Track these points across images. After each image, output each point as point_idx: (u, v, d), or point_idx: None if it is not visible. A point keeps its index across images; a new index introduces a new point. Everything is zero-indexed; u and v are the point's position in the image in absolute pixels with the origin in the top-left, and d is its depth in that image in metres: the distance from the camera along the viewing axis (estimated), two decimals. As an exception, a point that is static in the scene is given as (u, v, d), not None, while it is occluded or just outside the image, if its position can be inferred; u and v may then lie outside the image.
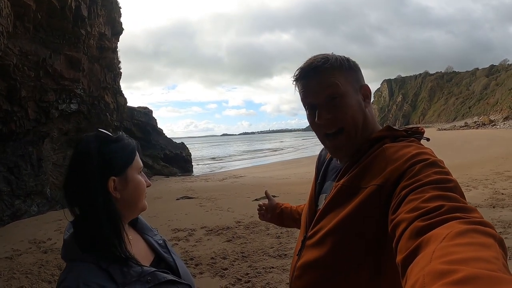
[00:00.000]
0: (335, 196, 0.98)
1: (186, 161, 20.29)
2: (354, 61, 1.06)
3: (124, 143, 1.08)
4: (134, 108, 17.89)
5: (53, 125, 9.22)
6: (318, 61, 1.02)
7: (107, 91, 12.17)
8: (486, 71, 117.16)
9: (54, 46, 8.46)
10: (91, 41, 10.33)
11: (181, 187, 13.29)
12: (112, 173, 1.02)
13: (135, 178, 1.07)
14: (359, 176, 0.94)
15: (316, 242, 0.99)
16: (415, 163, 0.83)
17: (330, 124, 1.02)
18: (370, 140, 1.00)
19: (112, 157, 1.03)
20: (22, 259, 5.27)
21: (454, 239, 0.55)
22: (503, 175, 10.66)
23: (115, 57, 12.87)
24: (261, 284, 4.08)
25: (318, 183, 1.19)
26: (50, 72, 8.33)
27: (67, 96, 9.50)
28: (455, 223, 0.60)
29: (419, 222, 0.65)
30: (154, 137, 18.72)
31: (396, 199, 0.78)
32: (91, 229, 0.97)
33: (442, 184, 0.74)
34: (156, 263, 1.12)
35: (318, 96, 1.02)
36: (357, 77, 1.07)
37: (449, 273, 0.46)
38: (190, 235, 6.30)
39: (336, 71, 1.02)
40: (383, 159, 0.91)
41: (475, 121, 67.09)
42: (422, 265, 0.53)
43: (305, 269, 1.01)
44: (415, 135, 1.03)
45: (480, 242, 0.53)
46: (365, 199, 0.88)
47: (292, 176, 15.46)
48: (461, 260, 0.48)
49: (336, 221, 0.94)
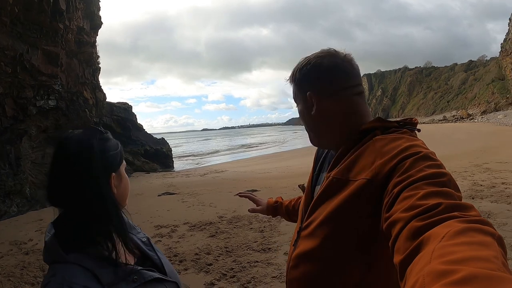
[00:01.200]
0: (326, 188, 0.99)
1: (167, 156, 20.13)
2: (303, 70, 1.10)
3: (114, 141, 1.07)
4: (113, 104, 17.61)
5: (31, 122, 9.01)
6: (292, 71, 1.15)
7: (85, 86, 11.96)
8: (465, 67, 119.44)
9: (31, 41, 8.25)
10: (69, 36, 10.12)
11: (162, 183, 13.15)
12: (112, 170, 1.02)
13: (125, 175, 1.08)
14: (348, 168, 0.94)
15: (308, 233, 1.01)
16: (406, 157, 0.82)
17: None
18: (360, 131, 1.00)
19: (112, 154, 1.03)
20: (3, 261, 5.14)
21: (453, 238, 0.55)
22: (482, 167, 10.95)
23: (94, 51, 12.65)
24: (246, 278, 4.13)
25: (314, 174, 1.21)
26: (27, 68, 8.14)
27: (45, 92, 9.30)
28: (453, 222, 0.60)
29: (416, 222, 0.64)
30: (134, 133, 18.50)
31: (389, 196, 0.77)
32: (86, 227, 0.94)
33: (436, 179, 0.73)
34: (141, 261, 1.09)
35: (296, 103, 1.17)
36: (301, 88, 1.12)
37: (449, 273, 0.47)
38: (173, 231, 6.26)
39: (293, 85, 1.15)
40: (373, 152, 0.91)
41: (453, 115, 68.41)
42: (422, 265, 0.53)
43: (300, 259, 1.03)
44: (407, 126, 1.02)
45: (479, 241, 0.53)
46: (354, 192, 0.88)
47: (273, 170, 15.55)
48: (461, 259, 0.49)
49: (325, 213, 0.95)
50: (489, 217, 5.78)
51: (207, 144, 61.32)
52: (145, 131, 20.26)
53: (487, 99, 72.04)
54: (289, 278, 1.08)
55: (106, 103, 15.69)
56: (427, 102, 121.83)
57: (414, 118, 1.06)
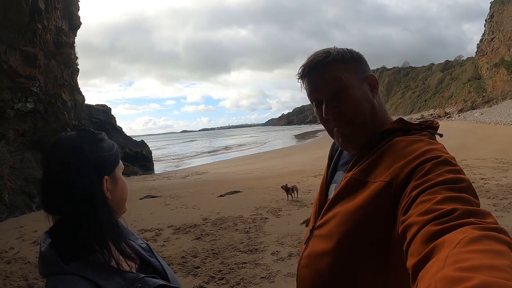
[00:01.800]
0: (343, 187, 0.97)
1: (147, 159, 19.97)
2: (357, 52, 1.06)
3: (109, 142, 1.04)
4: (92, 106, 17.33)
5: (9, 125, 8.76)
6: (320, 56, 1.02)
7: (64, 88, 11.71)
8: (442, 66, 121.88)
9: (9, 41, 8.05)
10: (47, 36, 9.90)
11: (143, 186, 13.03)
12: (105, 172, 0.97)
13: (121, 178, 1.04)
14: (368, 170, 0.93)
15: (323, 233, 0.99)
16: (425, 161, 0.80)
17: (337, 117, 1.01)
18: (381, 132, 0.99)
19: (105, 156, 0.99)
20: None
21: (468, 245, 0.54)
22: (461, 163, 11.02)
23: (73, 52, 12.42)
24: (235, 280, 4.12)
25: (329, 172, 1.18)
26: (5, 69, 7.94)
27: (23, 94, 9.06)
28: (469, 228, 0.59)
29: (431, 226, 0.63)
30: (113, 135, 18.21)
31: (407, 199, 0.76)
32: (82, 234, 0.90)
33: (454, 185, 0.72)
34: (143, 268, 1.06)
35: (323, 91, 1.02)
36: (362, 68, 1.05)
37: (462, 280, 0.46)
38: (157, 235, 6.20)
39: (338, 64, 1.01)
40: (392, 154, 0.90)
41: (431, 113, 69.80)
42: (435, 271, 0.52)
43: (312, 258, 1.01)
44: (429, 129, 1.00)
45: (494, 250, 0.52)
46: (373, 194, 0.87)
47: (255, 171, 15.62)
48: (474, 267, 0.48)
49: (342, 214, 0.93)
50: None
51: (187, 146, 60.86)
52: (125, 133, 20.04)
53: (463, 98, 73.92)
54: (299, 276, 1.07)
55: (84, 106, 15.43)
56: (405, 101, 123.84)
57: (435, 121, 1.04)
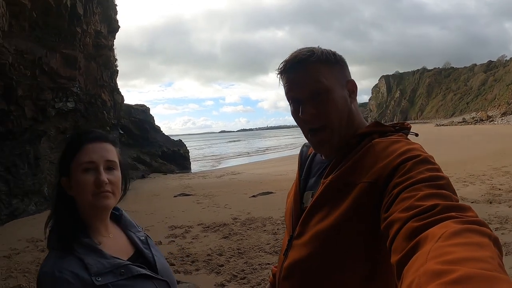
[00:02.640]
0: (323, 193, 0.95)
1: (184, 158, 20.34)
2: (340, 56, 1.04)
3: (72, 140, 1.13)
4: (131, 106, 17.93)
5: (50, 123, 9.22)
6: (303, 54, 0.98)
7: (104, 89, 12.15)
8: (484, 67, 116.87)
9: (50, 45, 8.43)
10: (87, 39, 10.30)
11: (178, 184, 13.33)
12: (61, 173, 1.09)
13: (75, 177, 1.07)
14: (348, 173, 0.91)
15: (304, 241, 0.96)
16: (406, 160, 0.82)
17: (314, 119, 0.99)
18: (358, 135, 0.98)
19: (61, 157, 1.12)
20: (19, 258, 5.30)
21: (450, 239, 0.55)
22: (500, 170, 10.66)
23: (112, 55, 12.85)
24: (257, 280, 4.12)
25: (302, 179, 1.14)
26: (46, 71, 8.32)
27: (64, 94, 9.50)
28: (450, 222, 0.60)
29: (413, 222, 0.65)
30: (151, 134, 18.75)
31: (389, 197, 0.77)
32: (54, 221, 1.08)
33: (434, 182, 0.74)
34: (134, 258, 1.14)
35: (303, 91, 0.98)
36: (343, 72, 1.04)
37: (445, 273, 0.47)
38: (186, 232, 6.35)
39: (321, 65, 0.98)
40: (373, 155, 0.89)
41: (473, 116, 67.05)
42: (418, 265, 0.53)
43: (293, 269, 0.98)
44: (403, 130, 1.01)
45: (475, 242, 0.53)
46: (357, 197, 0.86)
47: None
48: (457, 260, 0.49)
49: (326, 220, 0.91)
50: (507, 222, 5.53)
51: (225, 146, 61.56)
52: (163, 132, 20.51)
53: (507, 100, 70.26)
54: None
55: (124, 105, 15.95)
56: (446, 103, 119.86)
57: (406, 122, 1.05)
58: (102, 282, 0.97)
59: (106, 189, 1.07)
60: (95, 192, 1.06)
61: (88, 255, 1.00)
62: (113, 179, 1.10)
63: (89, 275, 0.96)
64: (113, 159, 1.12)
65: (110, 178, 1.08)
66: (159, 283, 1.11)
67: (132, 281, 1.04)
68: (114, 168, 1.12)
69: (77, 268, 0.97)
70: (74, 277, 0.95)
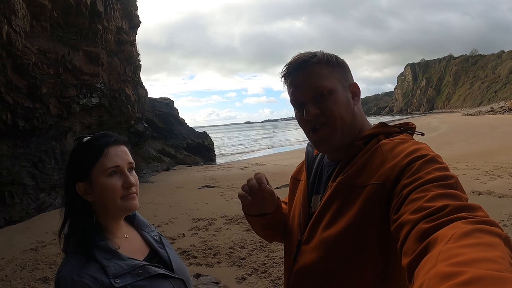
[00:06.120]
0: (331, 197, 0.94)
1: (209, 150, 20.49)
2: (342, 59, 1.05)
3: (91, 145, 1.10)
4: (155, 99, 18.16)
5: (75, 119, 9.50)
6: (306, 56, 1.00)
7: (127, 83, 12.37)
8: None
9: (72, 43, 8.65)
10: (108, 36, 10.48)
11: (203, 176, 13.44)
12: (77, 178, 1.08)
13: (100, 181, 1.07)
14: (357, 175, 0.91)
15: (314, 246, 0.95)
16: (414, 160, 0.81)
17: (317, 118, 0.98)
18: (364, 136, 0.98)
19: (77, 163, 1.10)
20: (46, 250, 5.53)
21: (460, 240, 0.54)
22: None
23: (134, 49, 13.01)
24: (278, 274, 4.08)
25: (310, 182, 1.11)
26: (69, 68, 8.56)
27: (88, 90, 9.76)
28: (460, 223, 0.59)
29: (424, 223, 0.64)
30: (176, 127, 18.95)
31: (398, 198, 0.76)
32: (71, 227, 1.07)
33: (443, 181, 0.73)
34: (150, 257, 1.15)
35: (306, 92, 0.99)
36: (345, 75, 1.04)
37: (455, 275, 0.46)
38: (210, 225, 6.39)
39: (323, 66, 0.99)
40: (380, 156, 0.89)
41: (501, 106, 64.00)
42: (428, 268, 0.52)
43: (303, 275, 0.98)
44: (408, 131, 1.01)
45: (485, 242, 0.53)
46: (366, 199, 0.85)
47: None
48: (467, 261, 0.48)
49: (335, 225, 0.90)
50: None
51: (250, 137, 61.71)
52: (187, 125, 20.68)
53: (537, 89, 66.80)
54: None
55: (148, 99, 16.16)
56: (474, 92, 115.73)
57: (410, 122, 1.05)
58: (121, 284, 0.99)
59: (134, 191, 1.11)
60: (124, 194, 1.09)
61: (105, 258, 1.01)
62: (136, 181, 1.13)
63: (107, 278, 0.97)
64: (133, 161, 1.15)
65: (134, 180, 1.12)
66: (175, 282, 1.12)
67: (150, 281, 1.05)
68: (133, 169, 1.15)
69: (96, 272, 0.97)
70: (94, 281, 0.96)
